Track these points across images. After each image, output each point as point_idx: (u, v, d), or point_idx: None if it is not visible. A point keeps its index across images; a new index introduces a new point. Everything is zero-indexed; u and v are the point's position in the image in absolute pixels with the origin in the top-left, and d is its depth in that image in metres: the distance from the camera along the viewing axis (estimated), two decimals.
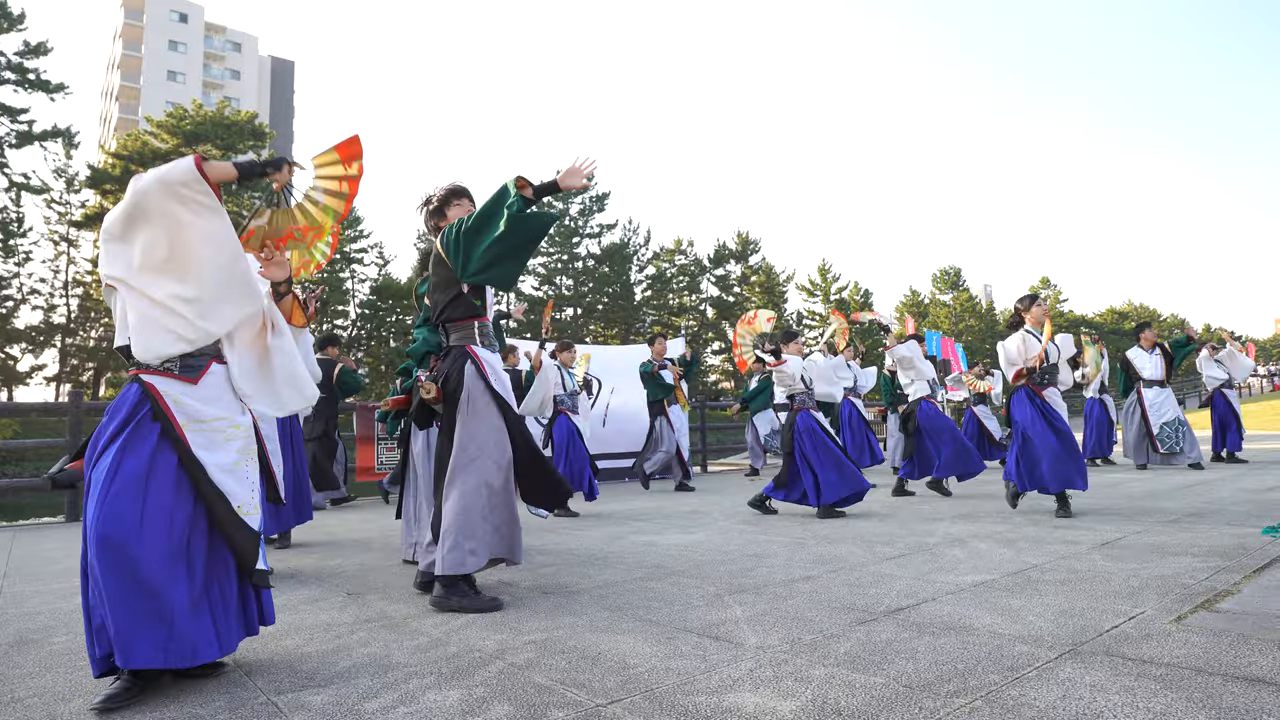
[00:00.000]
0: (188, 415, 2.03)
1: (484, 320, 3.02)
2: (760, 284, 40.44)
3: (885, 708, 1.65)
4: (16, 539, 5.47)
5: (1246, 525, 4.02)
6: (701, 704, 1.72)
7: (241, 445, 2.14)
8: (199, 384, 2.09)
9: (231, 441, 2.11)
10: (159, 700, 1.87)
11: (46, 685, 2.01)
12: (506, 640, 2.31)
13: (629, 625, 2.45)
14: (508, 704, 1.75)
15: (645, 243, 39.14)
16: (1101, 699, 1.64)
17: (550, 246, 37.40)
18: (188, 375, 2.07)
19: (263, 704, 1.82)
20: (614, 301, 37.16)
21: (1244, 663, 1.84)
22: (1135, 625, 2.20)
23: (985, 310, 49.59)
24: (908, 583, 2.95)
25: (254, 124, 30.57)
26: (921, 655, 2.00)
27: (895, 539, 4.13)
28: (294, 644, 2.36)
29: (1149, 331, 8.68)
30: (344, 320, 32.25)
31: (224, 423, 2.10)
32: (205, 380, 2.10)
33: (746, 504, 5.77)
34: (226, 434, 2.10)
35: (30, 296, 27.57)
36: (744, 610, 2.59)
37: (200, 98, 40.06)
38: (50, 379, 27.77)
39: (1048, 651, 1.99)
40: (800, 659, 2.02)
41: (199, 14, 59.82)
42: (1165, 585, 2.70)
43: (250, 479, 2.14)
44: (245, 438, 2.16)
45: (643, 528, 5.06)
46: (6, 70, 24.89)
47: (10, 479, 9.87)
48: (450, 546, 2.72)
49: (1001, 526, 4.45)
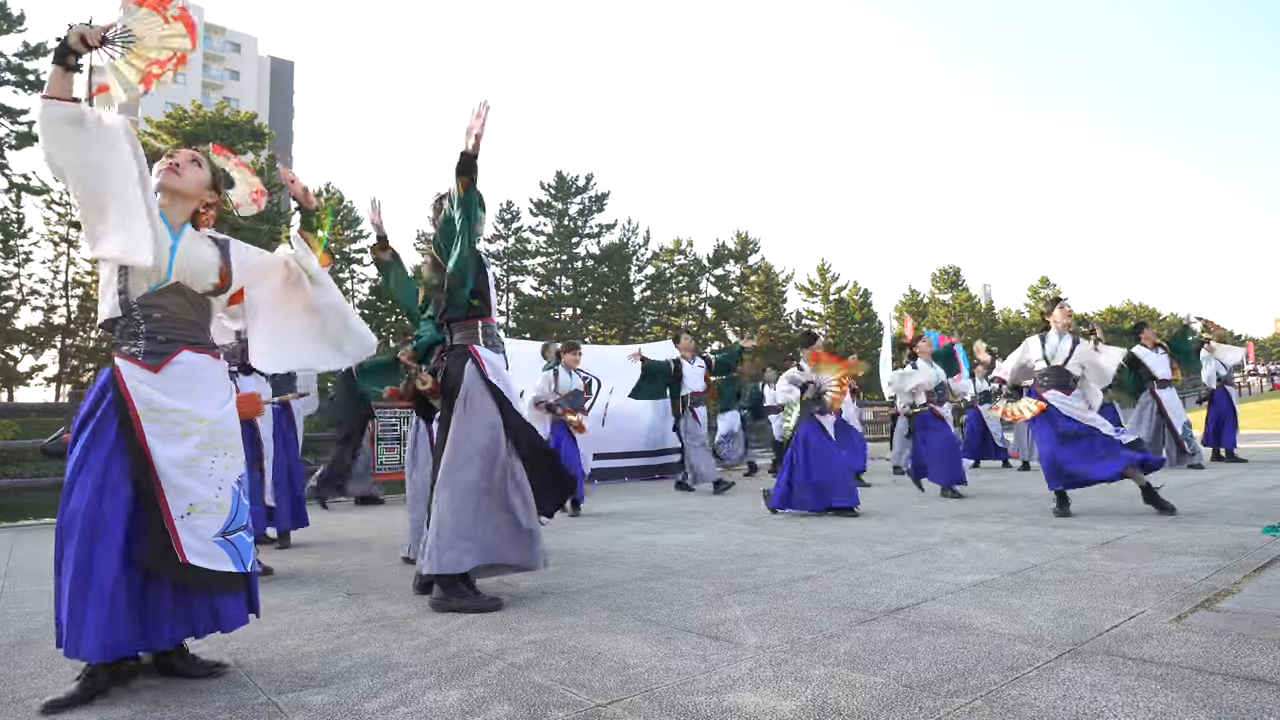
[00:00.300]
0: (146, 404, 1.96)
1: (488, 320, 3.01)
2: (759, 284, 40.46)
3: (885, 708, 1.65)
4: (17, 539, 5.47)
5: (1246, 524, 4.02)
6: (701, 704, 1.72)
7: (203, 440, 2.02)
8: (160, 373, 1.99)
9: (190, 436, 2.00)
10: (159, 700, 1.87)
11: (47, 686, 2.01)
12: (506, 640, 2.31)
13: (629, 625, 2.45)
14: (508, 704, 1.75)
15: (644, 243, 39.18)
16: (1102, 698, 1.64)
17: (549, 246, 37.43)
18: (149, 363, 1.99)
19: (263, 704, 1.82)
20: (613, 301, 37.17)
21: (1244, 662, 1.84)
22: (1135, 625, 2.20)
23: (985, 310, 49.64)
24: (908, 582, 2.95)
25: (253, 124, 30.59)
26: (921, 655, 2.01)
27: (895, 538, 4.13)
28: (294, 644, 2.36)
29: (1149, 331, 8.67)
30: None
31: (182, 415, 2.00)
32: (168, 370, 2.01)
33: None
34: (185, 427, 2.00)
35: (30, 297, 27.59)
36: (744, 610, 2.59)
37: (199, 98, 40.01)
38: (50, 380, 27.77)
39: (1048, 651, 1.99)
40: (800, 659, 2.02)
41: (198, 15, 59.82)
42: (1165, 585, 2.70)
43: (216, 476, 2.03)
44: (208, 432, 2.04)
45: (642, 528, 5.06)
46: (6, 71, 24.93)
47: (11, 479, 9.87)
48: (446, 546, 2.70)
49: (1001, 526, 4.45)
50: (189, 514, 1.97)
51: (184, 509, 1.96)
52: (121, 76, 2.16)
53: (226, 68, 61.51)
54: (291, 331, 2.32)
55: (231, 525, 2.05)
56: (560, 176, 38.12)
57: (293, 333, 2.32)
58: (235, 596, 2.07)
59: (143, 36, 2.15)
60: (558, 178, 38.11)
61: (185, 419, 2.01)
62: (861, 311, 42.11)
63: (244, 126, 30.11)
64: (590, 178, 38.33)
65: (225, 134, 29.11)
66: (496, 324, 3.08)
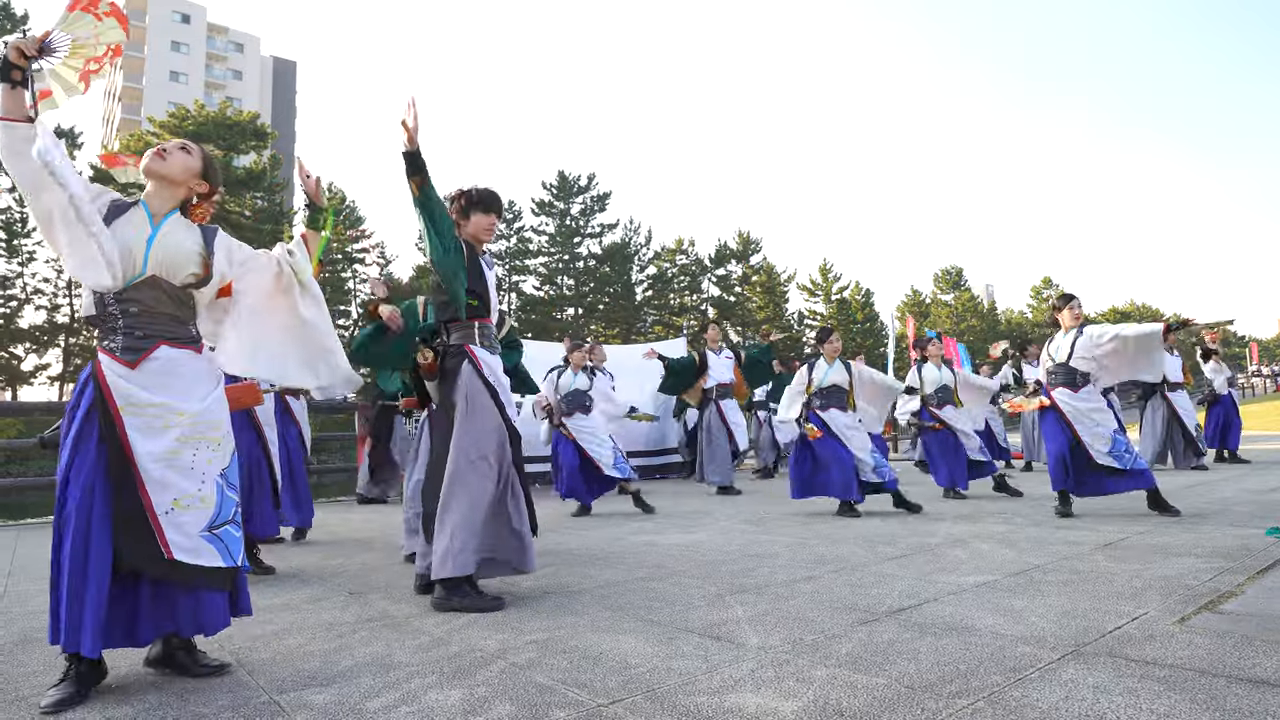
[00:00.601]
0: (125, 398, 1.94)
1: (485, 321, 3.00)
2: (761, 284, 40.42)
3: (887, 709, 1.65)
4: (21, 538, 5.48)
5: (1250, 526, 4.01)
6: (703, 704, 1.71)
7: (183, 433, 1.98)
8: (137, 369, 1.96)
9: (170, 429, 1.97)
10: (162, 699, 1.87)
11: (51, 684, 2.01)
12: (508, 640, 2.31)
13: (630, 625, 2.44)
14: (509, 704, 1.75)
15: (646, 242, 39.17)
16: (1104, 700, 1.64)
17: (551, 246, 37.45)
18: (126, 359, 1.96)
19: (265, 703, 1.82)
20: (615, 301, 37.17)
21: (1248, 664, 1.84)
22: (1138, 626, 2.20)
23: (987, 310, 49.55)
24: (910, 583, 2.95)
25: (256, 124, 30.62)
26: (923, 656, 2.00)
27: (897, 539, 4.12)
28: (296, 643, 2.36)
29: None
30: (345, 320, 32.29)
31: (161, 409, 1.97)
32: (145, 365, 1.97)
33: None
34: (166, 420, 1.97)
35: (34, 296, 27.63)
36: (745, 610, 2.59)
37: (203, 98, 40.05)
38: (54, 379, 27.82)
39: (1050, 652, 1.99)
40: (802, 659, 2.01)
41: (201, 15, 59.91)
42: (1168, 586, 2.69)
43: (199, 470, 2.00)
44: (190, 425, 2.00)
45: (644, 527, 5.06)
46: None
47: (15, 478, 9.89)
48: (459, 549, 2.70)
49: (1003, 527, 4.45)
50: (173, 509, 1.94)
51: (168, 504, 1.94)
52: (61, 79, 2.16)
53: (229, 67, 61.57)
54: (269, 337, 2.23)
55: (218, 520, 2.02)
56: (562, 176, 38.13)
57: (270, 339, 2.23)
58: (220, 595, 2.03)
59: (79, 37, 2.15)
60: (560, 177, 38.11)
61: (165, 412, 1.97)
62: (864, 312, 42.06)
63: (247, 126, 30.15)
64: (592, 177, 38.33)
65: (228, 134, 29.16)
66: (493, 325, 3.05)
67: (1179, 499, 5.42)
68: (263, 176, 29.45)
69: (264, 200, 30.10)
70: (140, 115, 47.71)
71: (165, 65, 57.09)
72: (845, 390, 5.53)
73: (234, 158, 29.55)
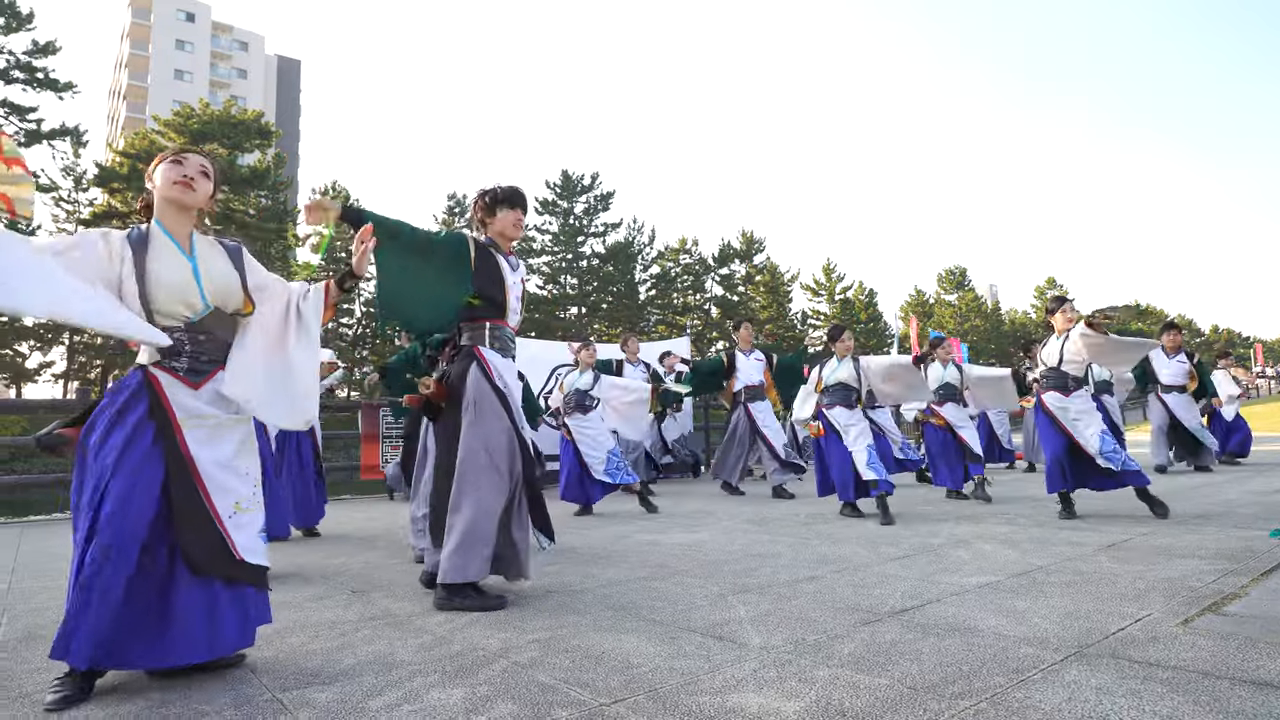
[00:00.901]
0: (186, 410, 2.00)
1: (498, 323, 2.95)
2: (765, 283, 40.39)
3: (890, 709, 1.64)
4: (24, 535, 5.50)
5: (1254, 528, 4.00)
6: (705, 704, 1.71)
7: (241, 437, 2.09)
8: (199, 390, 2.04)
9: (233, 433, 2.07)
10: (165, 696, 1.87)
11: (53, 680, 2.01)
12: (510, 639, 2.31)
13: (632, 625, 2.44)
14: (511, 703, 1.76)
15: (650, 242, 39.13)
16: (1107, 701, 1.64)
17: (555, 245, 37.44)
18: (191, 380, 2.04)
19: (268, 701, 1.83)
20: (618, 301, 37.15)
21: (1252, 666, 1.83)
22: (1142, 628, 2.19)
23: (991, 310, 49.44)
24: (912, 584, 2.95)
25: (260, 123, 30.65)
26: (926, 657, 2.00)
27: (900, 539, 4.12)
28: (299, 641, 2.37)
29: (1172, 334, 8.23)
30: (349, 319, 32.32)
31: (220, 419, 2.06)
32: (207, 387, 2.06)
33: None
34: (225, 428, 2.06)
35: None
36: (748, 610, 2.59)
37: (207, 96, 40.17)
38: (58, 376, 27.92)
39: (1053, 654, 1.98)
40: (804, 659, 2.01)
41: (206, 13, 60.01)
42: (1172, 588, 2.69)
43: (252, 475, 2.11)
44: (246, 430, 2.12)
45: (646, 527, 5.06)
46: (15, 69, 25.03)
47: (19, 475, 9.93)
48: (472, 556, 2.70)
49: (1006, 528, 4.44)
50: (236, 513, 2.03)
51: (230, 508, 2.02)
52: None
53: (234, 66, 61.67)
54: (254, 365, 2.17)
55: (264, 523, 2.13)
56: (566, 175, 38.13)
57: (255, 367, 2.17)
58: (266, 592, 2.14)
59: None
60: (563, 177, 38.11)
61: (224, 420, 2.07)
62: (867, 312, 41.99)
63: (251, 125, 30.18)
64: (596, 177, 38.32)
65: (232, 132, 29.21)
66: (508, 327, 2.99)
67: (1183, 500, 5.41)
68: (267, 175, 29.48)
69: (268, 199, 30.14)
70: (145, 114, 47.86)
71: (170, 64, 57.20)
72: (853, 389, 5.48)
73: (238, 156, 29.60)
